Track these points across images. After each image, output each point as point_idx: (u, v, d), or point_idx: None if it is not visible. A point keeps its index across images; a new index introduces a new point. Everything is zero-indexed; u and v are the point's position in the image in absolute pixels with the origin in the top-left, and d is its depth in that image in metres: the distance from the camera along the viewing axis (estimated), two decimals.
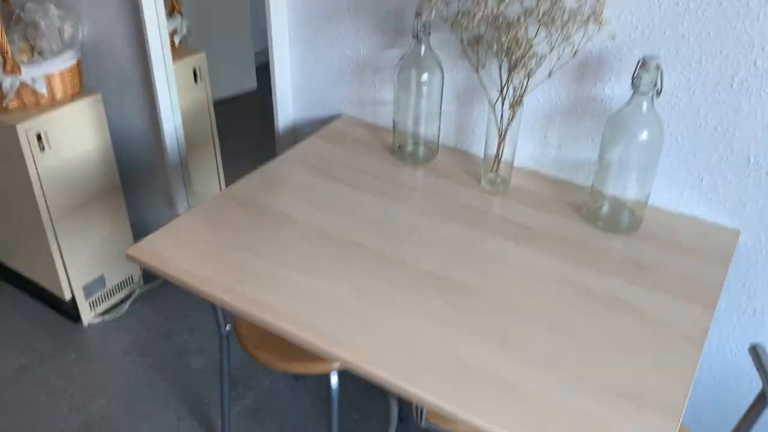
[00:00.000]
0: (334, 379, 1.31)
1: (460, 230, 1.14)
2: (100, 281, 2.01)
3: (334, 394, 1.32)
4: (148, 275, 2.22)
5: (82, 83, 1.78)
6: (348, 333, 0.92)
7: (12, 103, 1.65)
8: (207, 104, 2.14)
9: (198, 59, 2.06)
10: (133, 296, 2.13)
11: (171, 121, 1.83)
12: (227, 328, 1.40)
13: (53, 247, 1.83)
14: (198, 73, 2.08)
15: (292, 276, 1.03)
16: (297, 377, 1.89)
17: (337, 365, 1.27)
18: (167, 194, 2.02)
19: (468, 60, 1.25)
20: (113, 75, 1.87)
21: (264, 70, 3.72)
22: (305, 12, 1.43)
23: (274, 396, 1.82)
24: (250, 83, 3.48)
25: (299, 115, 1.59)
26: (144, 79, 1.80)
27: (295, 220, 1.16)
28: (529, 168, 1.33)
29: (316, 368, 1.29)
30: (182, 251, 1.07)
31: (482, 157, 1.37)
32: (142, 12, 1.63)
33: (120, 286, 2.09)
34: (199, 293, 1.00)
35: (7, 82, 1.61)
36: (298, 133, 1.61)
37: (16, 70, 1.60)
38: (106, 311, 2.07)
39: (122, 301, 2.12)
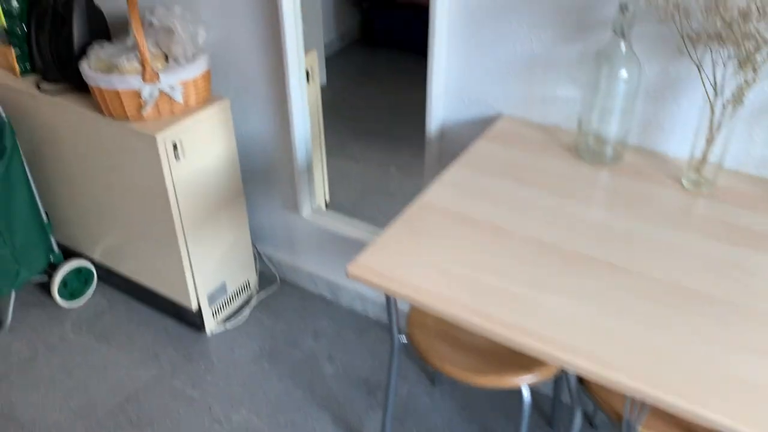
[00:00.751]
0: (526, 392, 1.27)
1: (683, 236, 1.08)
2: (222, 288, 1.98)
3: (526, 407, 1.27)
4: (264, 281, 2.19)
5: (210, 89, 1.73)
6: (609, 351, 0.87)
7: (148, 111, 1.61)
8: (318, 105, 2.09)
9: (311, 59, 2.00)
10: (251, 303, 2.10)
11: (302, 125, 1.79)
12: (402, 339, 1.35)
13: (184, 257, 1.80)
14: (310, 73, 2.02)
15: (531, 293, 0.98)
16: (433, 382, 1.85)
17: (527, 379, 1.23)
18: (290, 198, 1.97)
19: (689, 55, 1.17)
20: (237, 79, 1.82)
21: (328, 63, 3.69)
22: (470, 5, 1.37)
23: (415, 402, 1.78)
24: (320, 78, 3.43)
25: (450, 116, 1.53)
26: (273, 83, 1.75)
27: (505, 230, 1.11)
28: (728, 167, 1.26)
29: (507, 382, 1.24)
30: (403, 267, 1.02)
31: (671, 155, 1.31)
32: (282, 15, 1.57)
33: (237, 293, 2.06)
34: (440, 313, 0.95)
35: (147, 90, 1.57)
36: (447, 135, 1.56)
37: (154, 78, 1.56)
38: (227, 319, 2.04)
39: (240, 308, 2.08)
